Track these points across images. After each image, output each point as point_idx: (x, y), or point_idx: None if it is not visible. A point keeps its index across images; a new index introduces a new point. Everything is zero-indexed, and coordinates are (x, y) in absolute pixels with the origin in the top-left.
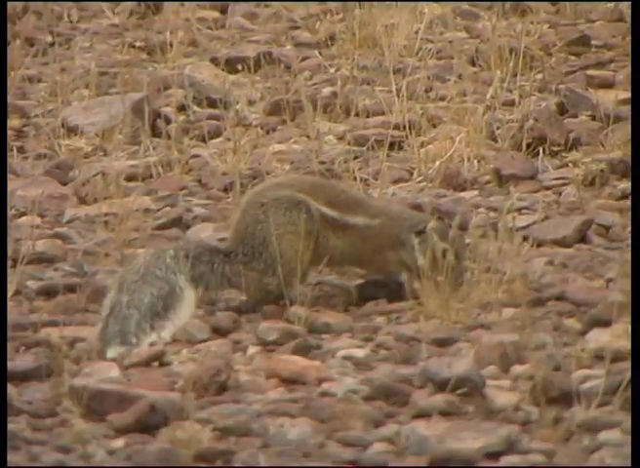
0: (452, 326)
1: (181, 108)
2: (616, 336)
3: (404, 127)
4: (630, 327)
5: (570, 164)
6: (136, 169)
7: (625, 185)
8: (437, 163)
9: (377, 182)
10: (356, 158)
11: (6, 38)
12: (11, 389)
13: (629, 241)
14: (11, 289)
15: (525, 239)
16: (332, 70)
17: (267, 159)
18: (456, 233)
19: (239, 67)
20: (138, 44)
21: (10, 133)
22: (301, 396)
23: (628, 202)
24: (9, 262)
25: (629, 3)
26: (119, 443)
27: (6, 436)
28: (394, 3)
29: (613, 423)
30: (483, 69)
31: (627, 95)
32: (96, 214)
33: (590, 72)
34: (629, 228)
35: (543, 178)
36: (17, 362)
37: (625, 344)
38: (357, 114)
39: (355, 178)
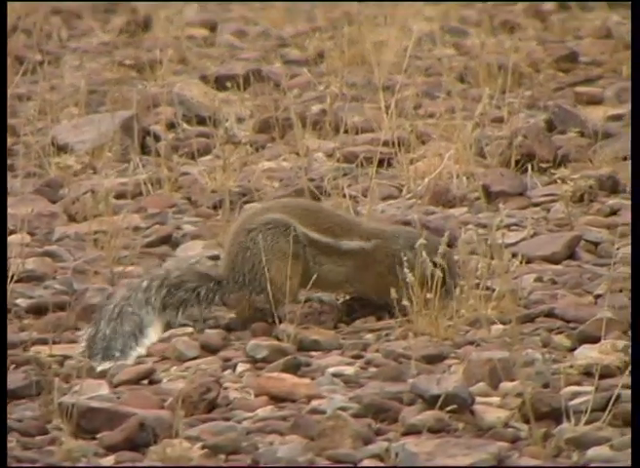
0: (441, 342)
1: (171, 126)
2: (604, 353)
3: (393, 144)
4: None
5: (558, 180)
6: (125, 186)
7: (614, 201)
8: (426, 180)
9: (366, 199)
10: (345, 175)
11: (6, 38)
12: None
13: (618, 257)
14: None
15: (514, 255)
16: (321, 87)
17: (257, 176)
18: (445, 249)
19: (228, 85)
20: (127, 62)
21: None
22: (291, 413)
23: (617, 218)
24: None
25: (616, 19)
26: (109, 460)
27: (6, 436)
28: (383, 21)
29: (602, 439)
30: (472, 86)
31: (616, 111)
32: (85, 231)
33: (579, 89)
34: (617, 245)
35: (532, 195)
36: (7, 380)
37: (614, 360)
38: (346, 131)
39: (344, 195)
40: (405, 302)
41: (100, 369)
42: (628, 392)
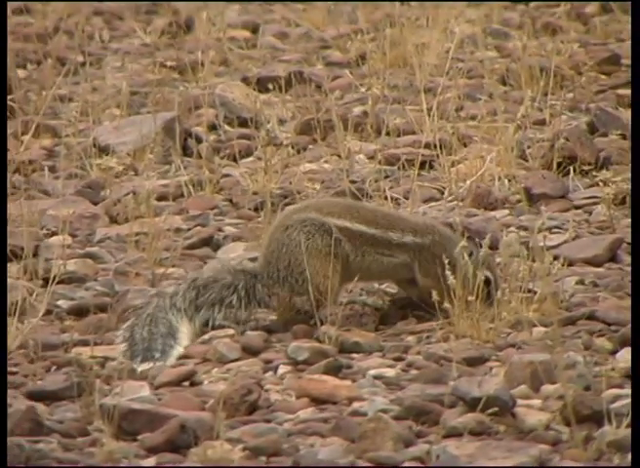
0: (482, 345)
1: (212, 128)
2: None
3: (435, 146)
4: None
5: (600, 183)
6: (167, 188)
7: None
8: (468, 182)
9: (407, 202)
10: (387, 177)
11: (6, 39)
12: (42, 409)
13: None
14: (42, 308)
15: (555, 258)
16: (362, 89)
17: (298, 178)
18: (487, 252)
19: (270, 87)
20: (169, 63)
21: (41, 152)
22: (332, 415)
23: None
24: (40, 282)
25: None
26: (150, 462)
27: (6, 436)
28: (425, 23)
29: None
30: (513, 88)
31: None
32: (127, 233)
33: (620, 91)
34: None
35: (574, 197)
36: (47, 381)
37: None
38: (388, 133)
39: (386, 198)
40: (446, 305)
41: (140, 370)
42: None
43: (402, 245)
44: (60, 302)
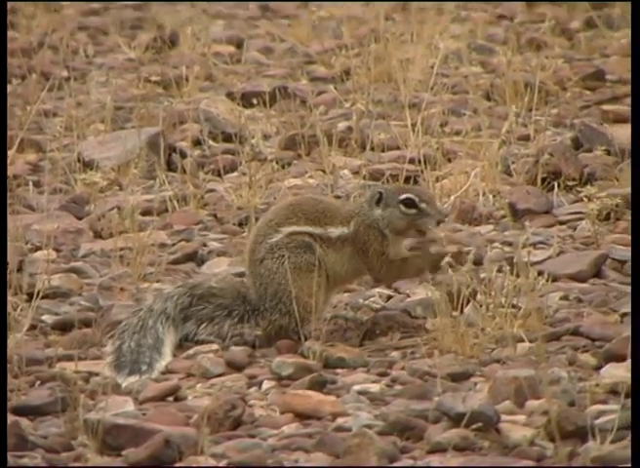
0: (467, 360)
1: (197, 143)
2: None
3: (419, 161)
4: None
5: (585, 198)
6: (151, 203)
7: None
8: (452, 197)
9: None
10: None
11: (6, 40)
12: (26, 423)
13: None
14: (26, 323)
15: (540, 273)
16: (347, 105)
17: (283, 193)
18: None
19: (255, 102)
20: (153, 78)
21: (26, 167)
22: (316, 431)
23: None
24: (24, 297)
25: None
26: None
27: (5, 436)
28: (409, 39)
29: (627, 458)
30: (498, 104)
31: None
32: (111, 248)
33: (605, 107)
34: None
35: (558, 213)
36: (32, 396)
37: None
38: (372, 148)
39: None
40: (430, 323)
41: (125, 384)
42: None
43: (338, 239)
44: (44, 317)
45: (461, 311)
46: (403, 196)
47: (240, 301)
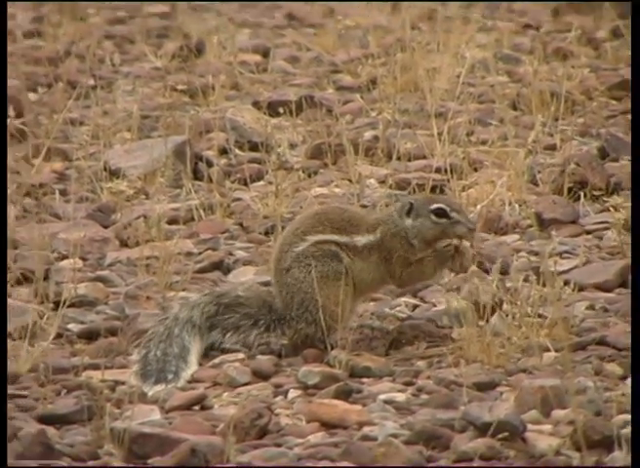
0: (493, 370)
1: (223, 151)
2: None
3: (445, 170)
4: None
5: (611, 208)
6: (177, 212)
7: None
8: (478, 207)
9: None
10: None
11: (6, 39)
12: (52, 432)
13: None
14: (52, 332)
15: (566, 283)
16: (373, 114)
17: (309, 202)
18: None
19: (281, 111)
20: (180, 87)
21: (52, 175)
22: (342, 440)
23: None
24: (50, 305)
25: None
26: None
27: (6, 436)
28: (436, 48)
29: None
30: (524, 113)
31: None
32: (137, 257)
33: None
34: None
35: (585, 223)
36: (58, 405)
37: None
38: (399, 158)
39: None
40: (456, 332)
41: (151, 393)
42: None
43: (364, 247)
44: (70, 326)
45: (487, 320)
46: (434, 206)
47: (266, 311)
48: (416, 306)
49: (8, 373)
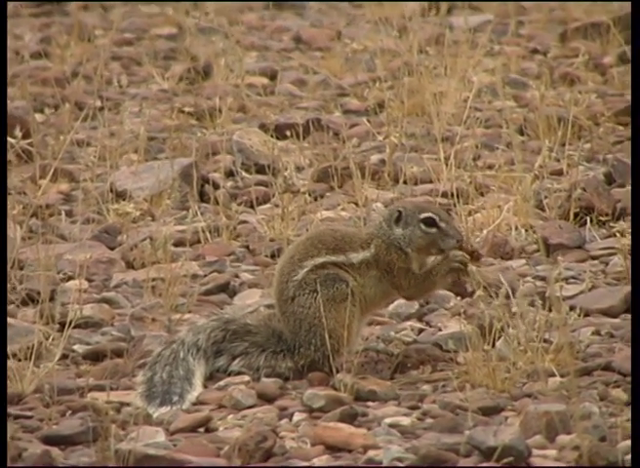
0: (498, 394)
1: (230, 174)
2: None
3: (452, 195)
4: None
5: (617, 234)
6: (183, 234)
7: None
8: (485, 231)
9: None
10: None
11: (6, 40)
12: (57, 453)
13: None
14: (58, 353)
15: (572, 308)
16: (380, 138)
17: (315, 225)
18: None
19: (288, 134)
20: (187, 109)
21: (58, 197)
22: (347, 463)
23: None
24: (56, 326)
25: None
26: None
27: (6, 436)
28: (443, 72)
29: None
30: (531, 138)
31: None
32: (143, 278)
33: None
34: None
35: (591, 248)
36: (63, 426)
37: None
38: (405, 182)
39: None
40: (462, 356)
41: (156, 415)
42: None
43: (363, 262)
44: (75, 347)
45: (493, 345)
46: (423, 215)
47: (275, 340)
48: (421, 330)
49: (13, 394)
